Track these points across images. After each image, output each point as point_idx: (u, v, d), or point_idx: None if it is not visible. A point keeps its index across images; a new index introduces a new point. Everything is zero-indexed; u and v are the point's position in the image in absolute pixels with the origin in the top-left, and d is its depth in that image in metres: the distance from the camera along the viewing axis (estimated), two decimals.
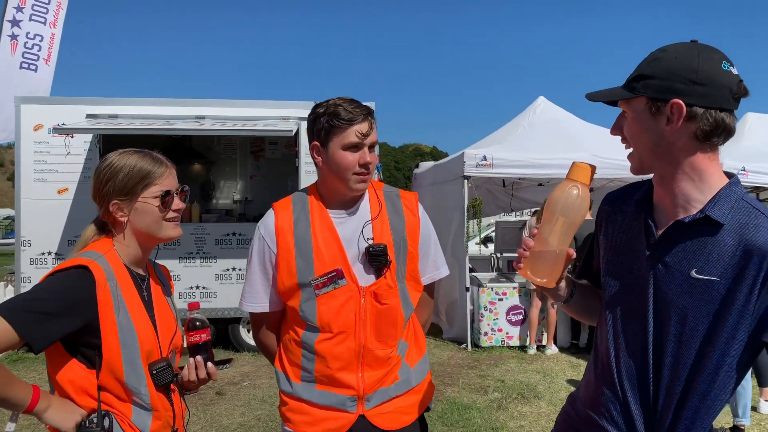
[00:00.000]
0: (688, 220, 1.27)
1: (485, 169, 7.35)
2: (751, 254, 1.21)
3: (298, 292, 1.79)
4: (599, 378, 1.44)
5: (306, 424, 1.82)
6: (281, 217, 1.84)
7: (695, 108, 1.22)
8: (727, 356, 1.25)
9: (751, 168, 8.19)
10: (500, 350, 7.22)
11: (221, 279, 6.69)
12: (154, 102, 6.79)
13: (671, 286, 1.30)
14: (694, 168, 1.28)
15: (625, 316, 1.39)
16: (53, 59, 8.42)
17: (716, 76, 1.23)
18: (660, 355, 1.32)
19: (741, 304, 1.22)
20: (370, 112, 1.79)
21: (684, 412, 1.29)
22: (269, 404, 5.26)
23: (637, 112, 1.30)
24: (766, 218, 1.25)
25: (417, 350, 1.93)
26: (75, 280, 1.48)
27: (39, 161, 6.42)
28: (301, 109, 6.80)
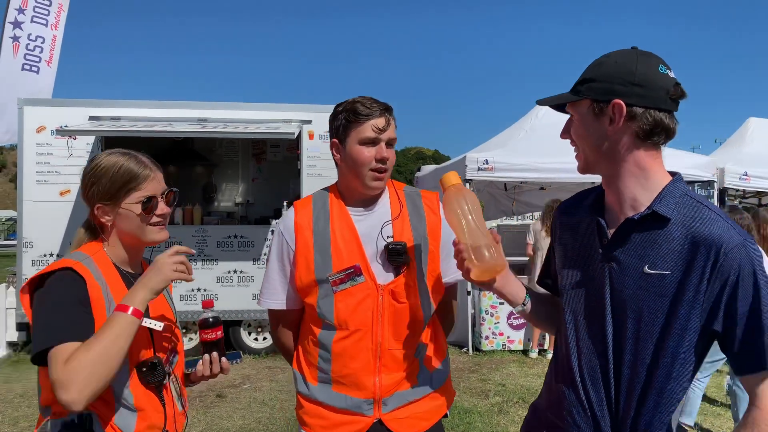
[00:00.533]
0: (637, 217, 1.33)
1: (487, 172, 7.34)
2: (698, 246, 1.27)
3: (315, 289, 1.77)
4: (561, 382, 1.46)
5: (322, 428, 1.80)
6: (301, 215, 1.84)
7: (635, 108, 1.30)
8: (681, 348, 1.29)
9: (753, 173, 8.20)
10: (501, 354, 7.21)
11: (222, 282, 6.68)
12: (156, 104, 6.80)
13: (626, 283, 1.34)
14: (638, 166, 1.35)
15: (584, 318, 1.42)
16: (55, 61, 8.43)
17: (653, 78, 1.31)
18: (620, 353, 1.35)
19: (692, 294, 1.27)
20: (388, 108, 1.79)
21: (644, 408, 1.32)
22: (269, 407, 5.25)
23: (582, 114, 1.38)
24: (710, 210, 1.31)
25: (437, 354, 1.89)
26: (67, 280, 1.47)
27: (41, 163, 6.42)
28: (303, 112, 6.80)
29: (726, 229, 1.27)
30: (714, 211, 1.32)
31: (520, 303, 1.58)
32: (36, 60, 8.18)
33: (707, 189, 7.74)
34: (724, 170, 8.10)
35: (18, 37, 7.99)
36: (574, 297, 1.46)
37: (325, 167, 6.71)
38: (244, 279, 6.71)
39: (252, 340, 7.12)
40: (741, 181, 8.26)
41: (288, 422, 4.87)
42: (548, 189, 9.43)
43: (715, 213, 1.32)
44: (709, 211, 1.31)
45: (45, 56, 8.27)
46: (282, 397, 5.52)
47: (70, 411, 1.39)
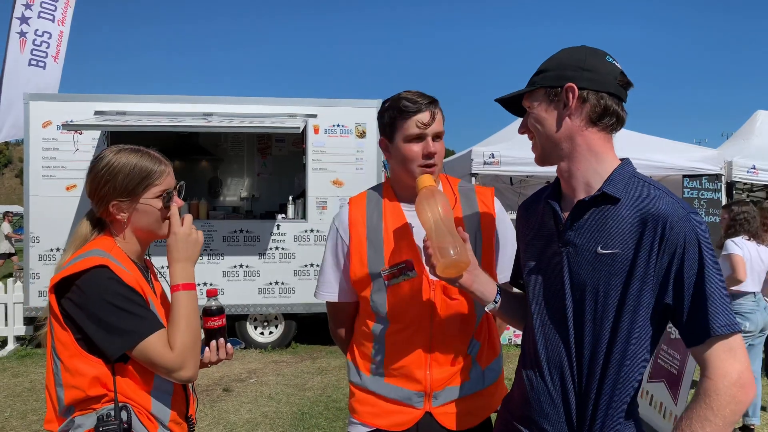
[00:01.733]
0: (588, 199, 1.38)
1: (493, 166, 7.32)
2: (646, 222, 1.31)
3: (369, 283, 1.80)
4: (529, 372, 1.49)
5: (372, 415, 1.83)
6: (355, 210, 1.88)
7: (586, 91, 1.38)
8: (635, 324, 1.32)
9: (761, 166, 8.12)
10: (507, 348, 7.19)
11: (228, 276, 6.69)
12: (161, 99, 6.81)
13: (582, 265, 1.38)
14: (590, 149, 1.41)
15: (547, 306, 1.46)
16: (62, 56, 8.44)
17: (601, 65, 1.40)
18: (580, 336, 1.38)
19: (642, 270, 1.31)
20: (434, 101, 1.79)
21: (604, 387, 1.35)
22: (276, 401, 5.27)
23: (538, 102, 1.44)
24: (656, 189, 1.36)
25: (490, 351, 1.89)
26: (109, 276, 1.47)
27: (47, 158, 6.45)
28: (309, 107, 6.80)
29: (671, 204, 1.31)
30: (659, 188, 1.37)
31: (491, 301, 1.61)
32: (42, 55, 8.19)
33: (715, 182, 7.68)
34: (731, 164, 8.04)
35: (25, 33, 8.01)
36: (536, 285, 1.50)
37: (330, 161, 6.71)
38: (250, 273, 6.72)
39: (258, 334, 7.14)
40: (749, 175, 8.19)
41: (294, 416, 4.88)
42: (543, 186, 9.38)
43: (661, 190, 1.36)
44: (655, 189, 1.36)
45: (52, 52, 8.28)
46: (288, 391, 5.54)
47: (182, 381, 1.54)
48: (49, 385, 1.53)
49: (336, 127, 6.76)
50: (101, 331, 1.44)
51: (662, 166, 7.31)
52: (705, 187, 7.61)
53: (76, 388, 1.47)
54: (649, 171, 7.44)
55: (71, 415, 1.48)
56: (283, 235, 6.78)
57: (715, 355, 1.25)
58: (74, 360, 1.47)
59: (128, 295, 1.48)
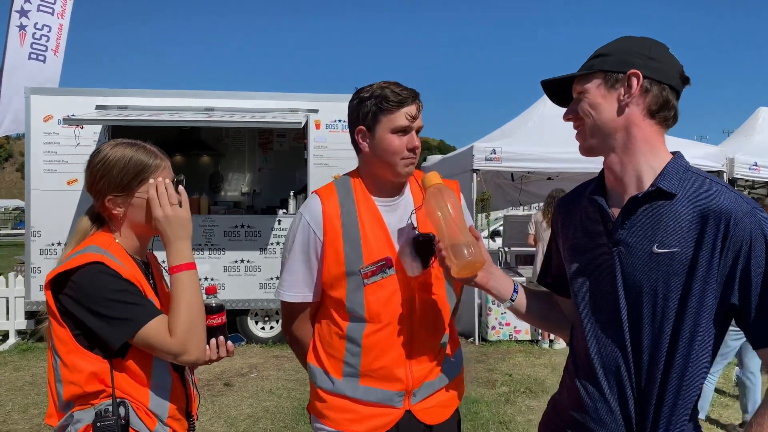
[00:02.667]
0: (641, 195, 1.30)
1: (494, 162, 7.30)
2: (707, 219, 1.24)
3: (344, 282, 1.72)
4: (580, 377, 1.42)
5: (349, 421, 1.75)
6: (328, 204, 1.76)
7: (649, 80, 1.31)
8: (699, 326, 1.25)
9: (763, 163, 8.11)
10: (508, 344, 7.21)
11: (229, 271, 6.69)
12: (163, 93, 6.79)
13: (636, 265, 1.30)
14: (647, 141, 1.33)
15: (597, 308, 1.39)
16: (61, 50, 8.42)
17: (667, 56, 1.34)
18: (638, 339, 1.31)
19: (705, 270, 1.23)
20: (417, 95, 1.74)
21: (667, 392, 1.28)
22: (277, 396, 5.28)
23: (594, 87, 1.36)
24: (714, 183, 1.29)
25: (454, 343, 1.88)
26: (105, 270, 1.46)
27: (48, 152, 6.44)
28: (310, 102, 6.78)
29: (733, 199, 1.24)
30: (718, 183, 1.29)
31: (508, 298, 1.58)
32: (42, 49, 8.17)
33: None
34: (733, 160, 8.02)
35: (24, 26, 7.99)
36: (584, 287, 1.42)
37: (331, 157, 6.69)
38: (251, 268, 6.72)
39: (259, 329, 7.14)
40: (751, 172, 8.19)
41: (295, 411, 4.89)
42: (556, 179, 9.37)
43: (720, 185, 1.29)
44: (714, 183, 1.29)
45: (51, 45, 8.26)
46: (289, 386, 5.55)
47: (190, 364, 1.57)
48: (50, 380, 1.53)
49: (337, 123, 6.75)
50: (102, 323, 1.44)
51: None
52: None
53: (74, 383, 1.47)
54: None
55: (70, 410, 1.49)
56: (284, 230, 6.77)
57: None
58: (72, 356, 1.47)
59: (123, 287, 1.46)
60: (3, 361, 6.39)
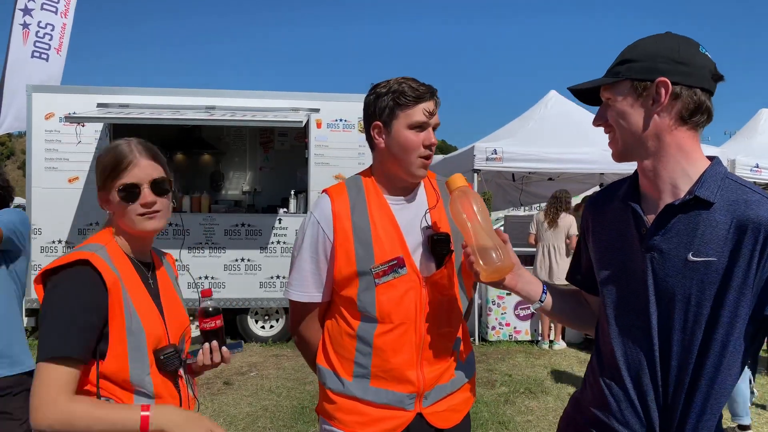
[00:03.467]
0: (678, 203, 1.28)
1: (495, 163, 7.30)
2: (745, 229, 1.22)
3: (355, 282, 1.69)
4: (605, 377, 1.41)
5: (359, 424, 1.72)
6: (338, 203, 1.74)
7: (679, 87, 1.26)
8: (731, 336, 1.24)
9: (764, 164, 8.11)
10: (508, 345, 7.21)
11: (230, 269, 6.70)
12: (164, 92, 6.80)
13: (669, 272, 1.29)
14: (680, 148, 1.30)
15: (626, 311, 1.38)
16: (64, 48, 8.42)
17: (697, 57, 1.28)
18: (667, 344, 1.30)
19: (740, 280, 1.22)
20: (435, 91, 1.72)
21: (695, 399, 1.27)
22: (276, 394, 5.29)
23: (623, 96, 1.32)
24: (754, 192, 1.26)
25: (467, 346, 1.87)
26: (79, 279, 1.46)
27: (50, 150, 6.45)
28: (311, 101, 6.79)
29: None
30: (759, 192, 1.26)
31: (537, 299, 1.58)
32: (45, 47, 8.18)
33: None
34: (735, 162, 8.02)
35: (28, 24, 7.99)
36: (614, 290, 1.41)
37: (332, 156, 6.70)
38: (252, 267, 6.73)
39: (259, 328, 7.15)
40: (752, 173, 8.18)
41: (294, 410, 4.90)
42: (557, 179, 9.37)
43: (760, 194, 1.26)
44: (754, 193, 1.26)
45: (54, 44, 8.27)
46: (289, 385, 5.55)
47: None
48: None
49: (338, 122, 6.75)
50: (42, 328, 1.44)
51: None
52: None
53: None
54: None
55: None
56: (284, 229, 6.78)
57: None
58: None
59: (79, 305, 1.44)
60: None
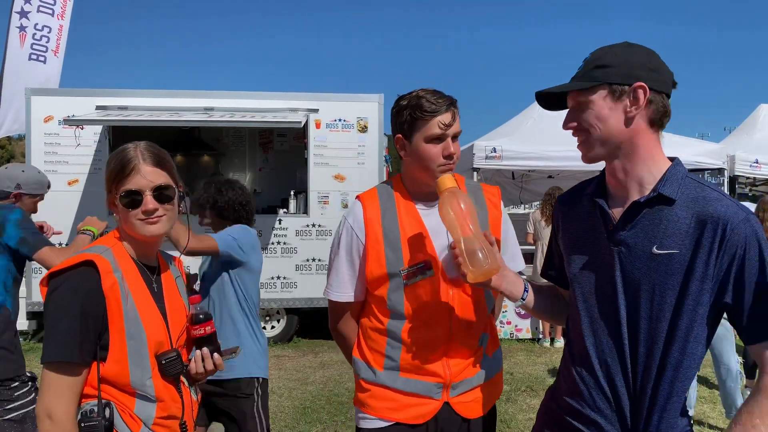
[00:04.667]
0: (643, 200, 1.38)
1: (495, 161, 7.31)
2: (704, 224, 1.32)
3: (385, 282, 1.81)
4: (578, 366, 1.50)
5: (390, 410, 1.84)
6: (369, 209, 1.86)
7: (654, 92, 1.36)
8: (694, 323, 1.35)
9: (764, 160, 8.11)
10: (509, 343, 7.20)
11: None
12: (163, 93, 6.79)
13: (636, 265, 1.39)
14: (648, 150, 1.40)
15: (596, 303, 1.47)
16: (62, 51, 8.42)
17: (663, 66, 1.40)
18: (635, 333, 1.40)
19: (701, 271, 1.32)
20: (453, 102, 1.79)
21: (661, 384, 1.37)
22: (278, 395, 5.28)
23: (599, 99, 1.39)
24: (711, 190, 1.38)
25: (494, 342, 1.96)
26: (79, 280, 1.47)
27: (49, 153, 6.44)
28: (310, 101, 6.78)
29: (731, 206, 1.33)
30: (715, 190, 1.38)
31: (519, 297, 1.66)
32: (43, 50, 8.17)
33: (717, 177, 7.67)
34: (734, 158, 8.02)
35: (24, 27, 7.99)
36: (584, 283, 1.50)
37: (332, 156, 6.69)
38: None
39: None
40: (752, 169, 8.18)
41: (296, 410, 4.89)
42: (556, 177, 9.37)
43: (717, 192, 1.37)
44: (711, 191, 1.38)
45: (52, 46, 8.26)
46: (290, 386, 5.55)
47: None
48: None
49: (338, 122, 6.75)
50: (45, 329, 1.48)
51: None
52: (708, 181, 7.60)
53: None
54: None
55: None
56: (284, 230, 6.77)
57: None
58: None
59: (75, 311, 1.45)
60: None
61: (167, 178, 1.61)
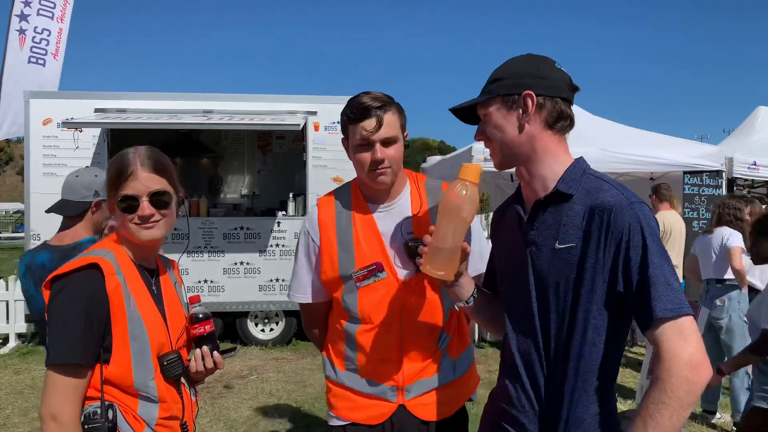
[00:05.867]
0: (542, 198, 1.44)
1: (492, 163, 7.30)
2: (594, 214, 1.36)
3: (340, 284, 1.83)
4: (505, 368, 1.55)
5: (348, 410, 1.87)
6: (324, 212, 1.88)
7: (542, 97, 1.43)
8: (590, 314, 1.36)
9: (762, 162, 8.10)
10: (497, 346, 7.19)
11: (229, 273, 6.70)
12: (162, 96, 6.80)
13: (543, 261, 1.44)
14: (547, 151, 1.46)
15: (516, 304, 1.52)
16: (61, 54, 8.44)
17: (553, 72, 1.46)
18: (546, 328, 1.44)
19: (592, 260, 1.35)
20: (383, 105, 1.72)
21: (567, 376, 1.39)
22: (276, 398, 5.29)
23: (495, 111, 1.48)
24: (606, 183, 1.40)
25: (460, 343, 1.93)
26: (83, 282, 1.48)
27: (48, 155, 6.44)
28: (309, 104, 6.79)
29: (616, 195, 1.35)
30: (609, 182, 1.41)
31: (463, 300, 1.63)
32: (42, 53, 8.19)
33: (716, 179, 7.67)
34: (732, 160, 8.02)
35: (24, 30, 8.01)
36: (507, 285, 1.57)
37: (331, 159, 6.70)
38: (251, 270, 6.73)
39: (259, 331, 7.15)
40: (750, 171, 8.17)
41: (295, 413, 4.89)
42: None
43: (610, 184, 1.40)
44: (605, 183, 1.41)
45: (51, 49, 8.28)
46: (289, 388, 5.55)
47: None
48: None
49: (336, 124, 6.75)
50: (48, 331, 1.47)
51: (663, 162, 7.29)
52: (706, 184, 7.60)
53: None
54: (650, 167, 7.43)
55: None
56: (283, 232, 6.78)
57: (666, 337, 1.27)
58: None
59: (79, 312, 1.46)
60: (3, 364, 6.40)
61: (165, 184, 1.62)
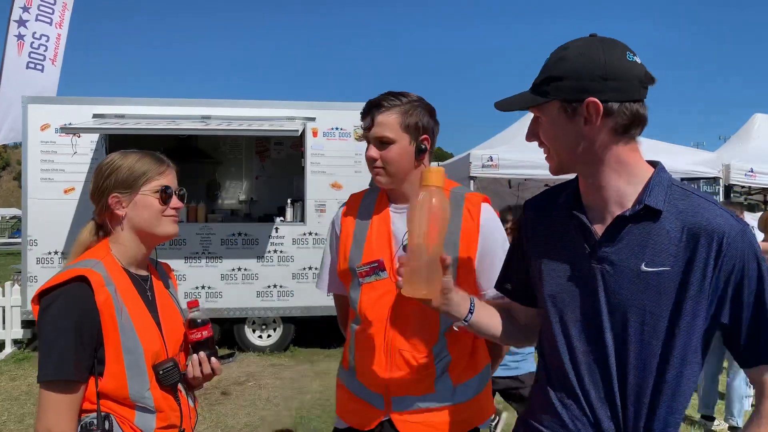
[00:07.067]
0: (629, 214, 1.25)
1: (491, 169, 7.32)
2: (697, 237, 1.20)
3: (349, 278, 1.84)
4: (559, 394, 1.35)
5: (345, 411, 1.89)
6: (350, 206, 1.93)
7: (611, 104, 1.21)
8: (689, 346, 1.23)
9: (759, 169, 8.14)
10: None
11: (227, 279, 6.68)
12: (160, 102, 6.80)
13: (623, 284, 1.25)
14: (619, 162, 1.26)
15: (576, 324, 1.32)
16: (59, 59, 8.43)
17: (624, 69, 1.21)
18: (623, 359, 1.26)
19: (696, 289, 1.20)
20: (378, 105, 1.76)
21: (657, 414, 1.25)
22: (274, 404, 5.26)
23: (552, 116, 1.28)
24: (701, 199, 1.25)
25: (468, 367, 1.80)
26: (72, 297, 1.45)
27: (46, 161, 6.43)
28: (307, 110, 6.79)
29: (724, 216, 1.22)
30: (705, 198, 1.26)
31: (461, 319, 1.46)
32: (40, 58, 8.18)
33: (712, 186, 7.70)
34: (729, 167, 8.05)
35: (23, 36, 8.00)
36: (561, 304, 1.35)
37: (328, 164, 6.70)
38: (249, 276, 6.71)
39: (256, 337, 7.12)
40: (747, 178, 8.20)
41: (293, 420, 4.87)
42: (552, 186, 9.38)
43: (707, 200, 1.26)
44: (700, 199, 1.25)
45: (49, 54, 8.27)
46: (287, 395, 5.53)
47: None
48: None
49: (334, 130, 6.76)
50: (39, 348, 1.46)
51: None
52: (703, 191, 7.63)
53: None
54: None
55: None
56: (281, 238, 6.77)
57: None
58: None
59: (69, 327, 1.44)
60: None
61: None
